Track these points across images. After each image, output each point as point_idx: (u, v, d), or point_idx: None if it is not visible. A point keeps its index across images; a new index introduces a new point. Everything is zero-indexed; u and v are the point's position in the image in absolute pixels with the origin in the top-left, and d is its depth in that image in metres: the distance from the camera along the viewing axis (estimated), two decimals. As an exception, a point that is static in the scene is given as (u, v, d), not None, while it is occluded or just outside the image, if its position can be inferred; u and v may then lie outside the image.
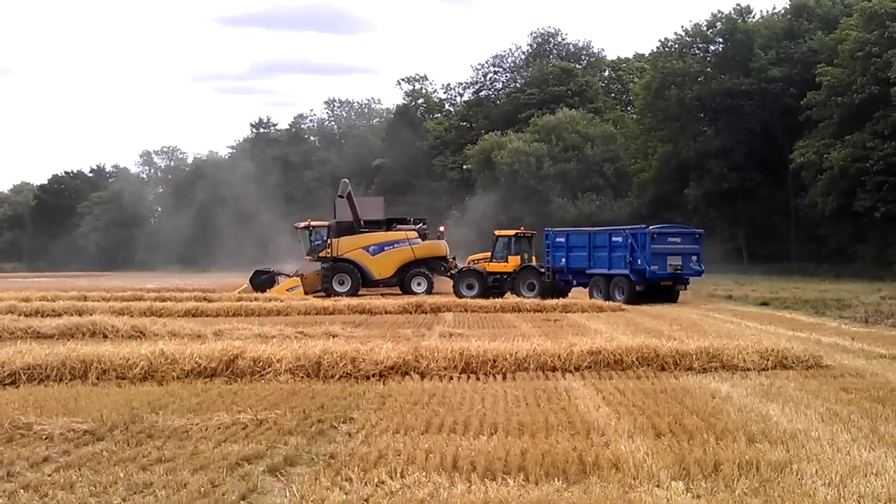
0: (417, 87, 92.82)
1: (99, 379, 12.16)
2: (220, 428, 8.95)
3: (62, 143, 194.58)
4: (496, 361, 12.83)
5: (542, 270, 32.04)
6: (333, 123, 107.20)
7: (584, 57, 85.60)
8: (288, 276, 36.90)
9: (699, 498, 6.49)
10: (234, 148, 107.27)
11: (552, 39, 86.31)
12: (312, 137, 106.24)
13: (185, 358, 12.55)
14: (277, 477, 7.19)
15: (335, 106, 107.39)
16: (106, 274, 79.12)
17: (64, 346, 13.71)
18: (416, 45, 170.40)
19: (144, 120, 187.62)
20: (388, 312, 25.08)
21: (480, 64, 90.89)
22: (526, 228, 35.71)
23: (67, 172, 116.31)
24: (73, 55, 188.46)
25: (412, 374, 12.35)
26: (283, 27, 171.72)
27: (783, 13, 58.04)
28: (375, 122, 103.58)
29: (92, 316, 19.91)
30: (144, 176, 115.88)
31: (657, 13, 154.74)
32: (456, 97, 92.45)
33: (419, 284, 35.51)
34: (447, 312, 25.18)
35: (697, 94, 55.81)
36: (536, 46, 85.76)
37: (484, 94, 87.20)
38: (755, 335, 16.68)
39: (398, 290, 35.73)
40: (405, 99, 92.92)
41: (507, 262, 32.80)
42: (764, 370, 12.70)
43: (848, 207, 45.33)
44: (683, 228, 32.57)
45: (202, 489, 6.79)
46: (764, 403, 10.04)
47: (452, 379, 12.21)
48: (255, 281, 36.37)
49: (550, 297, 29.31)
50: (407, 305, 26.22)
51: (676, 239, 29.82)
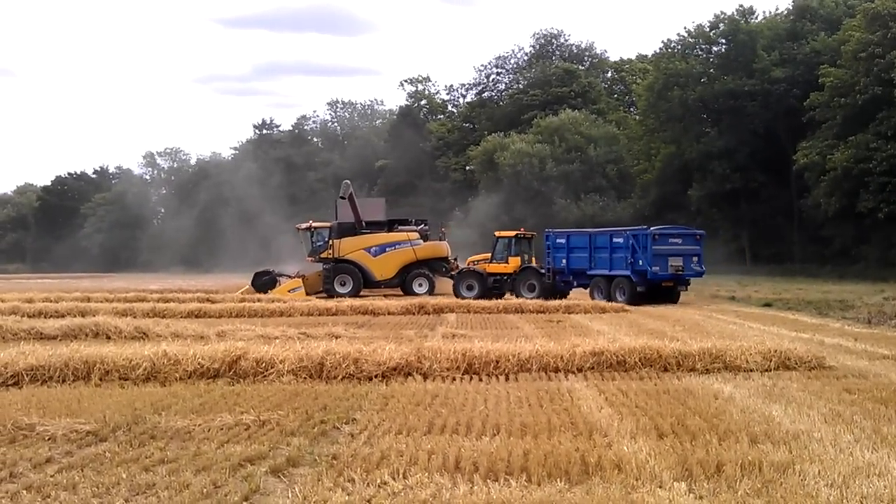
0: (420, 88, 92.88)
1: (102, 380, 12.18)
2: (222, 429, 8.96)
3: (65, 144, 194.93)
4: (499, 362, 12.83)
5: (542, 271, 32.09)
6: (336, 125, 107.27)
7: (586, 58, 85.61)
8: (289, 277, 36.95)
9: (702, 499, 6.49)
10: (237, 149, 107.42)
11: (555, 40, 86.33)
12: (315, 139, 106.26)
13: (188, 359, 12.56)
14: (280, 478, 7.20)
15: (338, 107, 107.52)
16: (109, 275, 79.14)
17: (67, 347, 13.75)
18: (418, 46, 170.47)
19: (147, 121, 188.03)
20: (390, 313, 25.08)
21: (483, 65, 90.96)
22: (529, 229, 35.74)
23: (71, 174, 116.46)
24: (75, 56, 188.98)
25: (415, 374, 12.36)
26: (285, 28, 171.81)
27: (786, 14, 57.90)
28: (378, 123, 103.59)
29: (95, 317, 19.93)
30: (148, 177, 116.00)
31: (660, 14, 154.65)
32: (459, 98, 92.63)
33: (421, 285, 35.53)
34: (450, 313, 25.19)
35: (700, 95, 55.71)
36: (539, 47, 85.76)
37: (487, 95, 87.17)
38: (758, 336, 16.67)
39: (400, 291, 35.77)
40: (408, 100, 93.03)
41: (507, 263, 32.83)
42: (767, 371, 12.71)
43: (851, 208, 45.26)
44: (684, 229, 32.61)
45: (205, 490, 6.80)
46: (767, 404, 10.04)
47: (455, 380, 12.22)
48: (256, 282, 36.47)
49: (551, 298, 29.37)
50: (410, 306, 26.22)
51: (677, 240, 29.91)
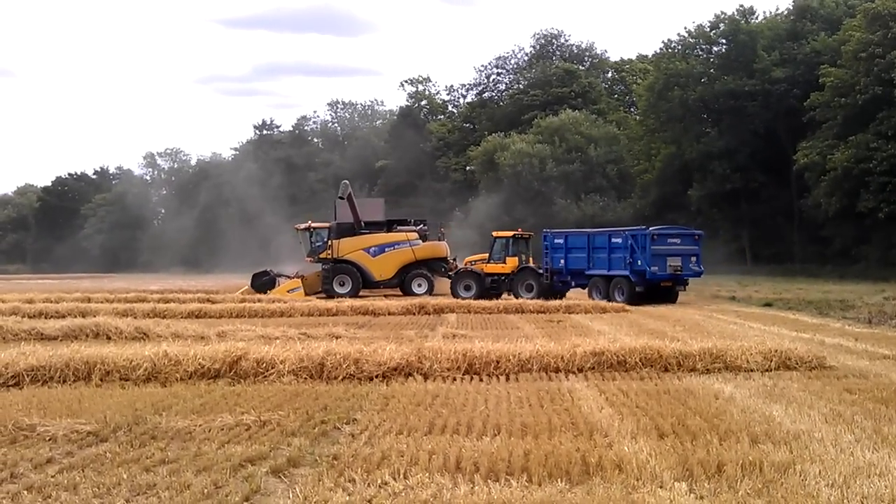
0: (420, 88, 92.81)
1: (102, 380, 12.18)
2: (223, 429, 8.97)
3: (65, 144, 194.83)
4: (499, 362, 12.83)
5: (540, 271, 32.10)
6: (337, 125, 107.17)
7: (587, 58, 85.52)
8: (288, 277, 36.96)
9: (702, 499, 6.49)
10: (237, 150, 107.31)
11: (555, 41, 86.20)
12: (316, 139, 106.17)
13: (188, 359, 12.56)
14: (281, 478, 7.20)
15: (338, 108, 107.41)
16: (109, 275, 79.12)
17: (67, 347, 13.76)
18: (418, 46, 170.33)
19: (148, 122, 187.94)
20: (391, 314, 25.09)
21: (483, 65, 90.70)
22: (529, 230, 35.74)
23: (71, 174, 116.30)
24: (75, 57, 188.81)
25: (415, 375, 12.35)
26: (285, 29, 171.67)
27: (786, 14, 57.84)
28: (378, 123, 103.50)
29: (95, 318, 19.94)
30: (148, 178, 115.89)
31: (660, 14, 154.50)
32: (459, 99, 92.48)
33: (420, 285, 35.51)
34: (450, 314, 25.19)
35: (701, 95, 55.69)
36: (539, 48, 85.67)
37: (487, 95, 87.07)
38: (758, 336, 16.66)
39: (399, 291, 35.78)
40: (408, 101, 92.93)
41: (504, 263, 32.84)
42: (767, 371, 12.71)
43: (851, 208, 45.24)
44: (683, 230, 32.67)
45: (205, 490, 6.80)
46: (767, 404, 10.04)
47: (456, 380, 12.22)
48: (255, 283, 36.48)
49: (548, 298, 29.38)
50: (410, 307, 26.23)
51: (676, 240, 29.97)
